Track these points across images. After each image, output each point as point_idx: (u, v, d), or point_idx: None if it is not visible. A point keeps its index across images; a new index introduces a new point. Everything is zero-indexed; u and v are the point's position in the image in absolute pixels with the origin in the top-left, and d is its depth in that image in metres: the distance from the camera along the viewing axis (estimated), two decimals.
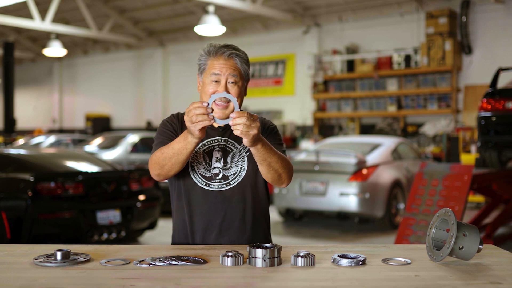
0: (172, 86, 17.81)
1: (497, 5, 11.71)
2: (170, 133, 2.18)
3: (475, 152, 9.51)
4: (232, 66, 2.10)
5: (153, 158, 2.09)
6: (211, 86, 2.10)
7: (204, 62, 2.14)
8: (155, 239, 6.96)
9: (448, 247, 1.79)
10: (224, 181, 2.14)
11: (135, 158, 11.44)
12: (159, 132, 2.22)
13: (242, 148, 2.18)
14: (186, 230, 2.17)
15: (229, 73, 2.09)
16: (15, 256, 1.88)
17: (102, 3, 15.75)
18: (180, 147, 1.99)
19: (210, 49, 2.14)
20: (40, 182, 5.24)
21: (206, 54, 2.14)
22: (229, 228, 2.14)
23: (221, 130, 2.19)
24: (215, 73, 2.09)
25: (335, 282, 1.59)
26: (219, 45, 2.15)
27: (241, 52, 2.15)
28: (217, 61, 2.11)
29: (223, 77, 2.08)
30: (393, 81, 12.80)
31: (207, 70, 2.12)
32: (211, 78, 2.09)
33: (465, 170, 5.41)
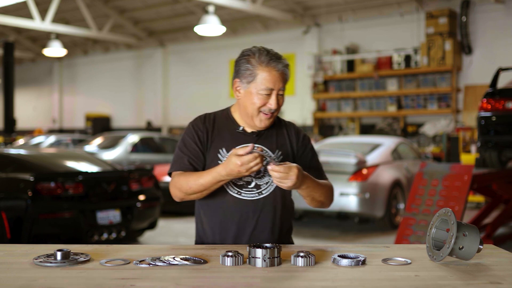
0: (172, 86, 17.81)
1: (497, 5, 11.71)
2: (195, 148, 2.12)
3: (475, 152, 9.51)
4: (283, 79, 2.07)
5: (177, 184, 2.06)
6: (260, 98, 2.05)
7: (253, 71, 2.06)
8: (155, 239, 6.96)
9: (448, 247, 1.79)
10: (257, 190, 2.11)
11: (135, 158, 11.44)
12: (183, 142, 2.15)
13: (275, 157, 2.14)
14: (215, 236, 2.14)
15: (281, 87, 2.06)
16: (15, 256, 1.88)
17: (102, 3, 15.76)
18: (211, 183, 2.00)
19: (261, 59, 2.05)
20: (40, 182, 5.24)
21: (256, 63, 2.05)
22: (259, 237, 2.11)
23: (255, 136, 2.15)
24: (269, 88, 2.04)
25: (335, 282, 1.59)
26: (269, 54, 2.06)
27: (286, 62, 2.09)
28: (269, 73, 2.04)
29: (275, 91, 2.05)
30: (393, 81, 12.80)
31: (257, 82, 2.05)
32: (262, 92, 2.04)
33: (465, 170, 5.41)
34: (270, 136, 2.17)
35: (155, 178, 6.64)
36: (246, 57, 2.07)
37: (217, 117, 2.19)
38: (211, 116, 2.19)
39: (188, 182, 2.03)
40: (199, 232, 2.22)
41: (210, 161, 2.11)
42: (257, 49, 2.08)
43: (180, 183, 2.05)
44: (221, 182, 2.01)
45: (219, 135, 2.14)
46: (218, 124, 2.17)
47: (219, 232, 2.12)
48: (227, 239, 2.11)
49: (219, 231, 2.12)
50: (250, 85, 2.06)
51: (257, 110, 2.07)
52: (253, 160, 1.90)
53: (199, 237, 2.22)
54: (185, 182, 2.04)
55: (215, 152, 2.12)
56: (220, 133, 2.14)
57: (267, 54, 2.05)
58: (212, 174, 1.99)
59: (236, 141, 2.11)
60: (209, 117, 2.18)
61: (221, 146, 2.12)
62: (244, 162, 1.90)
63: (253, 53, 2.07)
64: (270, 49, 2.09)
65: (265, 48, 2.08)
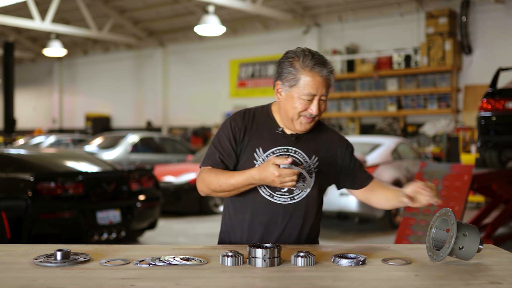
0: (172, 86, 17.81)
1: (497, 5, 11.71)
2: (228, 146, 2.09)
3: (475, 152, 9.50)
4: (327, 85, 2.01)
5: (205, 180, 2.05)
6: (301, 103, 2.00)
7: (296, 76, 1.99)
8: (155, 239, 6.96)
9: (448, 247, 1.79)
10: (289, 195, 2.08)
11: (135, 158, 11.44)
12: (218, 137, 2.12)
13: (311, 163, 2.11)
14: (243, 234, 2.12)
15: (324, 93, 2.01)
16: (15, 256, 1.88)
17: (102, 3, 15.76)
18: (242, 184, 1.99)
19: (306, 63, 1.99)
20: (40, 182, 5.24)
21: (300, 67, 1.99)
22: (286, 241, 2.10)
23: (294, 139, 2.10)
24: (312, 94, 1.99)
25: (335, 282, 1.59)
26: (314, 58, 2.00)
27: (332, 66, 2.03)
28: (312, 79, 1.98)
29: (317, 96, 2.00)
30: (393, 81, 12.80)
31: (299, 86, 1.99)
32: (304, 97, 1.99)
33: (465, 170, 5.41)
34: (309, 140, 2.12)
35: (155, 178, 6.64)
36: (290, 60, 2.01)
37: (257, 114, 2.14)
38: (251, 112, 2.14)
39: (219, 180, 2.01)
40: (226, 228, 2.19)
41: (245, 159, 2.08)
42: (302, 52, 2.02)
43: (209, 179, 2.03)
44: (252, 185, 2.00)
45: (257, 133, 2.10)
46: (257, 121, 2.12)
47: (247, 231, 2.11)
48: (253, 240, 2.10)
49: (247, 230, 2.11)
50: (292, 89, 2.01)
51: (298, 114, 2.02)
52: (291, 175, 1.88)
53: (226, 233, 2.20)
54: (215, 180, 2.02)
55: (252, 151, 2.08)
56: (259, 131, 2.10)
57: (311, 58, 1.99)
58: (245, 176, 1.98)
59: (274, 142, 2.08)
60: (249, 113, 2.14)
61: (258, 145, 2.08)
62: (281, 174, 1.88)
63: (298, 56, 2.01)
64: (315, 52, 2.03)
65: (310, 51, 2.02)
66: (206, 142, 15.55)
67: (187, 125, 17.13)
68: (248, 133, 2.09)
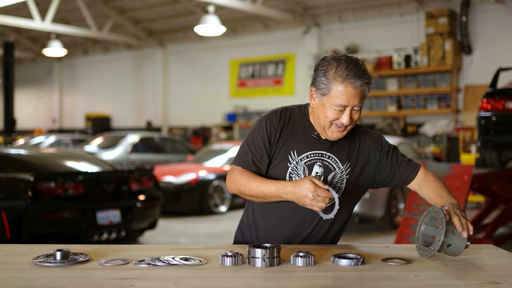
0: (172, 86, 17.81)
1: (497, 5, 11.71)
2: (261, 147, 2.06)
3: (475, 152, 9.50)
4: (359, 96, 1.96)
5: (236, 181, 2.04)
6: (333, 112, 1.97)
7: (328, 85, 1.96)
8: (155, 239, 6.96)
9: (439, 239, 1.82)
10: None
11: (135, 158, 11.44)
12: (252, 136, 2.09)
13: (344, 169, 2.09)
14: (268, 234, 2.11)
15: (356, 104, 1.96)
16: (15, 256, 1.88)
17: (102, 3, 15.76)
18: (272, 194, 1.97)
19: (339, 73, 1.94)
20: (40, 182, 5.24)
21: (332, 77, 1.95)
22: (309, 242, 2.10)
23: (329, 144, 2.08)
24: (343, 105, 1.95)
25: (334, 282, 1.59)
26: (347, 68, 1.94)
27: (368, 76, 1.97)
28: (344, 90, 1.93)
29: (348, 107, 1.96)
30: (393, 81, 12.80)
31: (331, 96, 1.95)
32: (335, 107, 1.96)
33: (465, 170, 5.41)
34: (343, 146, 2.10)
35: (155, 178, 6.63)
36: (325, 68, 1.98)
37: (293, 114, 2.11)
38: (288, 112, 2.11)
39: (250, 185, 2.00)
40: (247, 226, 2.18)
41: (279, 160, 2.06)
42: (337, 61, 1.97)
43: (240, 181, 2.02)
44: (281, 198, 1.97)
45: (293, 134, 2.08)
46: (293, 122, 2.10)
47: (273, 231, 2.10)
48: (279, 240, 2.09)
49: (273, 230, 2.10)
50: (324, 98, 1.98)
51: (329, 123, 2.00)
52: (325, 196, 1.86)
53: (246, 231, 2.18)
54: (246, 183, 2.01)
55: (286, 153, 2.06)
56: (294, 133, 2.08)
57: (346, 68, 1.94)
58: (277, 186, 1.96)
59: (309, 146, 2.06)
60: (285, 113, 2.11)
61: (292, 148, 2.06)
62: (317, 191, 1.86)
63: (332, 64, 1.97)
64: (353, 60, 1.98)
65: (347, 59, 1.98)
66: (206, 142, 15.55)
67: (187, 125, 17.13)
68: (284, 135, 2.07)
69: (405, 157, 2.22)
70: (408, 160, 2.22)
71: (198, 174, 9.06)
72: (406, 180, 2.20)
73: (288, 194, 1.92)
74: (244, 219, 2.22)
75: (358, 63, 1.98)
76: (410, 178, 2.20)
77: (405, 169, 2.19)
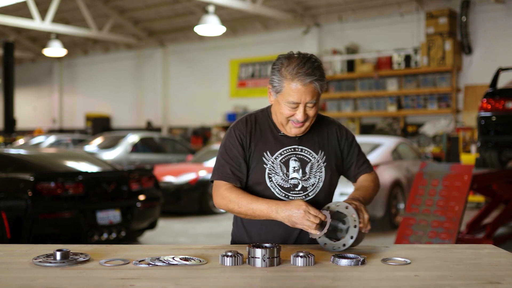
0: (172, 86, 17.81)
1: (497, 5, 11.71)
2: (236, 155, 2.09)
3: (475, 152, 9.50)
4: (311, 93, 1.98)
5: (225, 197, 2.04)
6: (287, 109, 2.01)
7: (280, 83, 2.00)
8: (155, 239, 6.96)
9: (351, 237, 1.92)
10: (304, 193, 2.10)
11: (135, 158, 11.44)
12: (225, 148, 2.12)
13: (319, 157, 2.14)
14: (261, 237, 2.11)
15: (309, 100, 1.99)
16: (15, 256, 1.88)
17: (102, 3, 15.76)
18: (262, 212, 1.98)
19: (289, 71, 1.97)
20: (40, 182, 5.24)
21: (283, 75, 1.99)
22: (306, 238, 2.10)
23: (297, 139, 2.13)
24: (294, 102, 1.99)
25: (334, 282, 1.59)
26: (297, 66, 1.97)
27: (319, 73, 1.99)
28: (295, 87, 1.97)
29: (301, 104, 1.99)
30: (393, 81, 12.80)
31: (283, 94, 2.00)
32: (288, 104, 2.00)
33: (465, 170, 5.41)
34: (312, 136, 2.15)
35: (155, 178, 6.63)
36: (278, 66, 2.02)
37: (258, 119, 2.17)
38: (252, 117, 2.17)
39: (239, 202, 2.02)
40: (239, 232, 2.19)
41: (255, 164, 2.10)
42: (288, 59, 2.00)
43: (230, 198, 2.04)
44: (270, 217, 1.98)
45: (262, 137, 2.12)
46: (260, 125, 2.15)
47: (266, 234, 2.10)
48: (274, 241, 2.09)
49: (266, 233, 2.10)
50: (278, 96, 2.03)
51: (286, 120, 2.05)
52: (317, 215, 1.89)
53: (239, 238, 2.19)
54: (236, 200, 2.02)
55: (260, 155, 2.10)
56: (263, 135, 2.13)
57: (296, 65, 1.97)
58: (268, 205, 1.97)
59: (280, 144, 2.11)
60: (250, 119, 2.16)
61: (265, 149, 2.10)
62: (309, 208, 1.90)
63: (284, 63, 2.00)
64: (305, 57, 2.00)
65: (298, 57, 2.00)
66: (206, 142, 15.55)
67: (187, 125, 17.13)
68: (254, 139, 2.11)
69: (364, 155, 2.31)
70: (366, 159, 2.31)
71: (198, 174, 9.06)
72: (355, 175, 2.27)
73: (279, 212, 1.94)
74: (236, 224, 2.23)
75: (311, 60, 2.00)
76: (358, 175, 2.27)
77: (360, 165, 2.27)
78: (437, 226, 5.24)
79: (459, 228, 5.25)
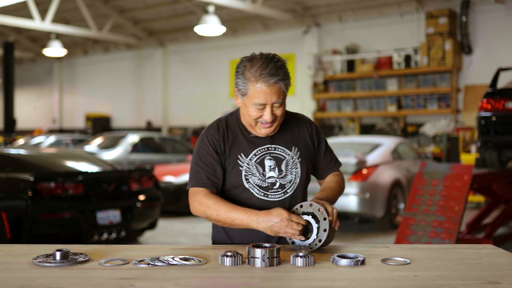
0: (172, 86, 17.81)
1: (497, 5, 11.71)
2: (211, 161, 2.08)
3: (475, 152, 9.50)
4: (276, 93, 1.99)
5: (202, 204, 2.02)
6: (254, 111, 2.02)
7: (245, 85, 2.00)
8: (155, 239, 6.96)
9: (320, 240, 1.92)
10: (282, 190, 2.10)
11: (135, 158, 11.44)
12: (199, 155, 2.11)
13: (293, 154, 2.14)
14: (243, 238, 2.10)
15: (275, 101, 2.00)
16: (15, 256, 1.88)
17: (102, 3, 15.76)
18: (241, 221, 1.96)
19: (252, 73, 1.98)
20: (40, 182, 5.23)
21: (247, 78, 1.99)
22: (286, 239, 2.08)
23: (269, 138, 2.13)
24: (261, 104, 1.99)
25: (334, 282, 1.59)
26: (260, 68, 1.97)
27: (283, 72, 1.99)
28: (260, 88, 1.97)
29: (268, 105, 2.00)
30: (393, 81, 12.80)
31: (249, 96, 2.00)
32: (255, 106, 2.01)
33: (465, 170, 5.41)
34: (283, 135, 2.16)
35: (155, 178, 6.63)
36: (242, 69, 2.02)
37: (228, 122, 2.17)
38: (223, 122, 2.16)
39: (218, 209, 1.99)
40: (219, 235, 2.17)
41: (231, 168, 2.09)
42: (250, 62, 2.00)
43: (208, 204, 2.01)
44: (250, 226, 1.97)
45: (235, 140, 2.12)
46: (231, 129, 2.15)
47: (248, 235, 2.08)
48: (258, 240, 2.07)
49: (248, 235, 2.08)
50: (245, 98, 2.03)
51: (254, 121, 2.06)
52: (299, 221, 1.90)
53: (219, 240, 2.17)
54: (214, 207, 2.00)
55: (235, 158, 2.10)
56: (235, 138, 2.13)
57: (259, 67, 1.97)
58: (248, 214, 1.96)
59: (253, 145, 2.11)
60: (221, 124, 2.15)
61: (239, 152, 2.10)
62: (291, 216, 1.90)
63: (247, 65, 2.01)
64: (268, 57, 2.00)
65: (261, 58, 2.00)
66: None
67: (187, 125, 17.13)
68: (227, 143, 2.11)
69: (332, 152, 2.30)
70: (334, 156, 2.31)
71: None
72: (324, 172, 2.28)
73: (260, 223, 1.92)
74: (216, 230, 2.20)
75: (273, 60, 2.00)
76: (327, 172, 2.28)
77: (328, 162, 2.28)
78: (437, 226, 5.24)
79: (459, 228, 5.25)
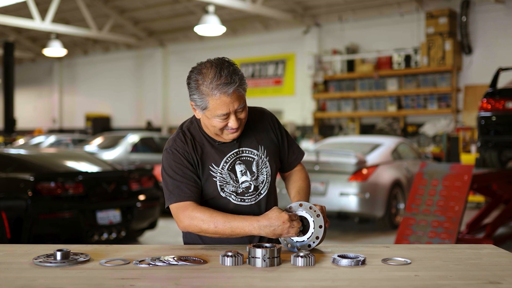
0: (172, 86, 17.81)
1: (497, 5, 11.71)
2: (188, 173, 2.01)
3: (475, 152, 9.50)
4: (237, 99, 1.93)
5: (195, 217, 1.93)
6: (218, 122, 1.96)
7: (203, 100, 1.93)
8: (155, 239, 6.96)
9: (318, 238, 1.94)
10: (256, 192, 2.09)
11: (135, 158, 11.44)
12: (172, 169, 2.01)
13: (261, 153, 2.12)
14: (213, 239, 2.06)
15: (238, 106, 1.94)
16: (15, 256, 1.88)
17: (102, 3, 15.76)
18: (244, 232, 1.93)
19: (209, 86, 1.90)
20: (40, 182, 5.24)
21: (204, 92, 1.91)
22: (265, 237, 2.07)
23: (236, 142, 2.08)
24: (224, 114, 1.93)
25: (334, 282, 1.59)
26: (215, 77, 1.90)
27: (238, 77, 1.92)
28: (220, 99, 1.90)
29: (231, 113, 1.95)
30: (393, 81, 12.80)
31: (210, 109, 1.93)
32: (218, 117, 1.94)
33: (465, 170, 5.41)
34: (249, 136, 2.12)
35: (155, 178, 6.63)
36: (194, 84, 1.94)
37: (192, 132, 2.10)
38: (188, 134, 2.09)
39: (215, 222, 1.92)
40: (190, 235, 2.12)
41: (205, 178, 2.04)
42: (201, 75, 1.92)
43: (202, 218, 1.93)
44: (253, 234, 1.94)
45: (203, 150, 2.06)
46: (196, 139, 2.08)
47: (228, 242, 2.05)
48: (240, 241, 2.06)
49: (228, 241, 2.05)
50: (205, 111, 1.96)
51: (220, 130, 2.00)
52: (297, 223, 1.91)
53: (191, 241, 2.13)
54: (210, 219, 1.92)
55: (207, 169, 2.04)
56: (203, 148, 2.07)
57: (213, 77, 1.89)
58: (249, 221, 1.92)
59: (222, 152, 2.06)
60: (185, 135, 2.08)
61: (210, 162, 2.05)
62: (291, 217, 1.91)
63: (199, 79, 1.93)
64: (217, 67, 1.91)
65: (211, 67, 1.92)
66: None
67: None
68: (198, 154, 2.05)
69: (294, 142, 2.27)
70: (296, 145, 2.27)
71: None
72: (289, 165, 2.26)
73: (262, 228, 1.90)
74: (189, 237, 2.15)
75: (225, 66, 1.92)
76: (293, 165, 2.26)
77: (292, 153, 2.25)
78: (437, 226, 5.24)
79: (459, 228, 5.25)
